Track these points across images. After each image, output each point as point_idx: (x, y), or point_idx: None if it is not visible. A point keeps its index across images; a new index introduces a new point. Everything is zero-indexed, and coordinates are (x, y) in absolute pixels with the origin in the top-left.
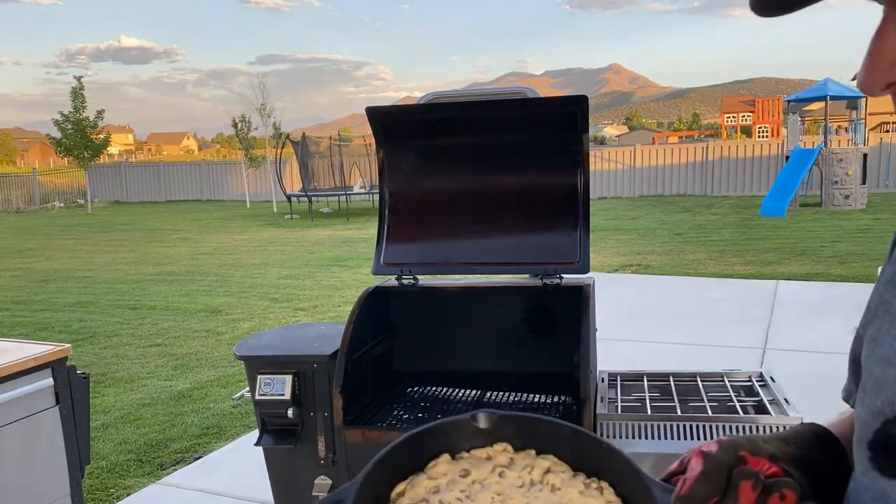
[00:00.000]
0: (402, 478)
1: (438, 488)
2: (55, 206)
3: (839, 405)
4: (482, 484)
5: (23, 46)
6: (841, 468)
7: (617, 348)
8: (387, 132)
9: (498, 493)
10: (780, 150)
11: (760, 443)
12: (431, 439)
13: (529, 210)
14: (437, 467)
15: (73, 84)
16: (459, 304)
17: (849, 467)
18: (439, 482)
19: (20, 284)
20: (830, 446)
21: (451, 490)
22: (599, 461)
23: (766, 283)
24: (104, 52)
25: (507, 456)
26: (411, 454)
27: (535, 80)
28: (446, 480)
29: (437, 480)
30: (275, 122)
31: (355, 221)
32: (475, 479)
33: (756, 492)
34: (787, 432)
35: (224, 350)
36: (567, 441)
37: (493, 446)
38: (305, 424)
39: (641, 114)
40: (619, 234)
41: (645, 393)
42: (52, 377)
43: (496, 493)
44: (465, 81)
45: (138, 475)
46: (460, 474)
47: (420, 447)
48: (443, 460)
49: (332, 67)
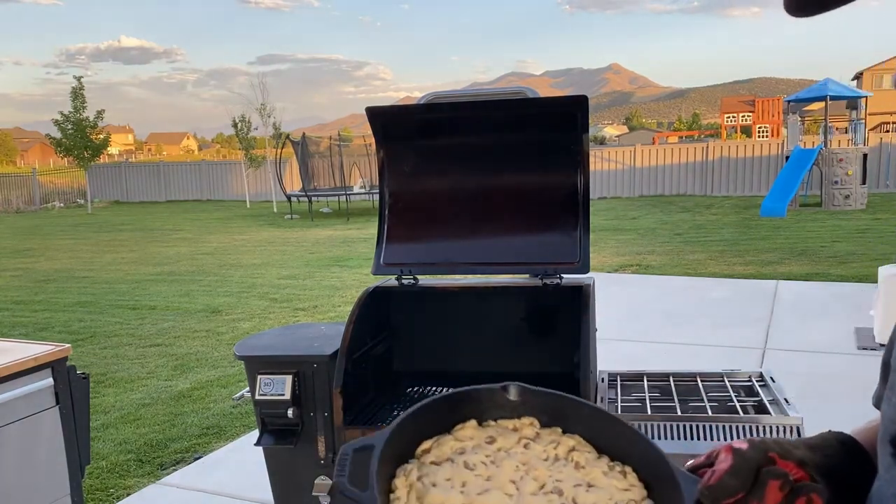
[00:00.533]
0: (429, 436)
1: (464, 450)
2: (55, 206)
3: (839, 405)
4: (507, 452)
5: (23, 46)
6: (867, 478)
7: (617, 348)
8: (387, 132)
9: (523, 463)
10: (780, 150)
11: (790, 447)
12: (461, 404)
13: (529, 210)
14: (463, 430)
15: (73, 84)
16: (459, 304)
17: (874, 476)
18: (465, 444)
19: (20, 284)
20: (857, 455)
21: (476, 453)
22: (624, 445)
23: (766, 283)
24: (104, 52)
25: (533, 430)
26: (440, 415)
27: (535, 80)
28: (472, 444)
29: (463, 443)
30: (275, 122)
31: (355, 221)
32: (501, 447)
33: (783, 492)
34: (816, 439)
35: (224, 350)
36: (593, 422)
37: (521, 419)
38: (305, 424)
39: (641, 114)
40: (619, 234)
41: (645, 393)
42: (52, 377)
43: (521, 463)
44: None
45: (138, 475)
46: (486, 440)
47: (449, 410)
48: (469, 425)
49: (332, 67)
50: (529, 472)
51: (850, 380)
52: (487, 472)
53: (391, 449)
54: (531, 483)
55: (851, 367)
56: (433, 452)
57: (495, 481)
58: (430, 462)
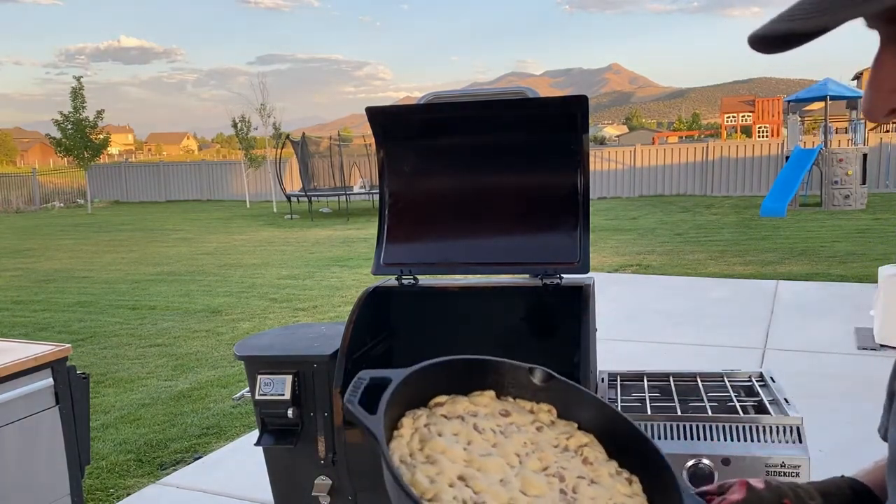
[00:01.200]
0: (446, 392)
1: (477, 413)
2: (55, 206)
3: (839, 405)
4: (519, 428)
5: (23, 46)
6: None
7: (617, 348)
8: (387, 132)
9: (532, 442)
10: (780, 150)
11: (805, 496)
12: (485, 371)
13: (529, 210)
14: (481, 398)
15: (73, 84)
16: (459, 304)
17: None
18: (479, 409)
19: (20, 284)
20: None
21: (488, 420)
22: (637, 454)
23: (766, 283)
24: (104, 52)
25: (549, 417)
26: (461, 376)
27: (535, 80)
28: (486, 411)
29: (477, 407)
30: (275, 122)
31: (355, 221)
32: (513, 422)
33: None
34: (830, 487)
35: (224, 350)
36: (611, 426)
37: (539, 404)
38: (305, 424)
39: (641, 114)
40: (619, 234)
41: (645, 393)
42: (52, 377)
43: (530, 441)
44: (465, 81)
45: (138, 475)
46: (500, 412)
47: (471, 374)
48: (488, 394)
49: (332, 67)
50: (536, 452)
51: (850, 380)
52: (495, 439)
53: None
54: (535, 461)
55: (851, 367)
56: (446, 407)
57: (500, 449)
58: (440, 414)
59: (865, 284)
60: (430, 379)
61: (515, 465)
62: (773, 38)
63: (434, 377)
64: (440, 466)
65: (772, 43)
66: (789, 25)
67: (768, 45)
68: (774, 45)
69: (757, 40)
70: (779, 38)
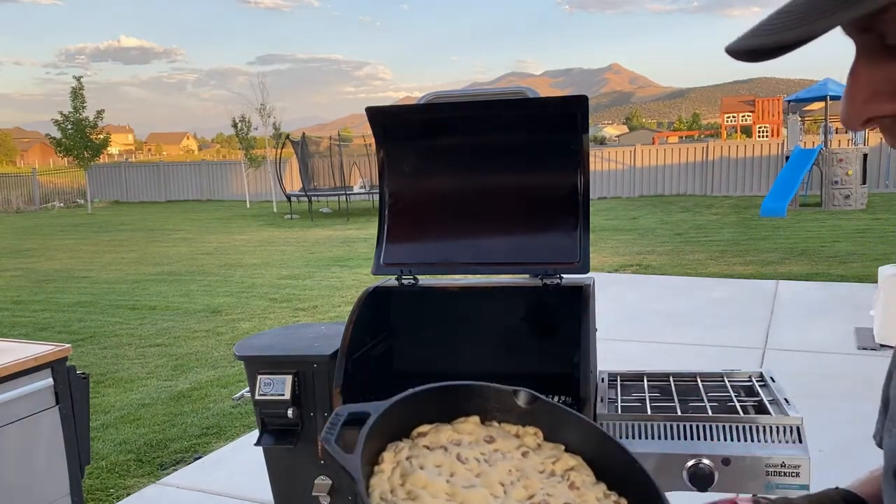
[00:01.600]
0: (429, 421)
1: (460, 442)
2: (55, 206)
3: (839, 405)
4: (504, 455)
5: (23, 46)
6: None
7: (617, 348)
8: (387, 132)
9: (517, 469)
10: (780, 150)
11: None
12: (467, 397)
13: (529, 210)
14: (464, 424)
15: (73, 84)
16: (459, 304)
17: None
18: (463, 437)
19: (20, 284)
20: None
21: (471, 448)
22: (625, 476)
23: (766, 283)
24: (104, 52)
25: (535, 440)
26: (444, 403)
27: (535, 80)
28: (470, 439)
29: (461, 435)
30: (275, 122)
31: (355, 221)
32: (498, 449)
33: None
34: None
35: (224, 350)
36: (598, 447)
37: (525, 427)
38: (305, 424)
39: (641, 114)
40: (619, 234)
41: (645, 393)
42: (52, 377)
43: (515, 469)
44: (465, 81)
45: (138, 475)
46: (485, 439)
47: (454, 400)
48: (472, 420)
49: (332, 67)
50: (521, 480)
51: (850, 380)
52: (479, 468)
53: (386, 422)
54: (520, 490)
55: (851, 367)
56: (429, 437)
57: (484, 479)
58: (422, 445)
59: (865, 284)
60: (412, 409)
61: (500, 496)
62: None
63: (416, 406)
64: (422, 502)
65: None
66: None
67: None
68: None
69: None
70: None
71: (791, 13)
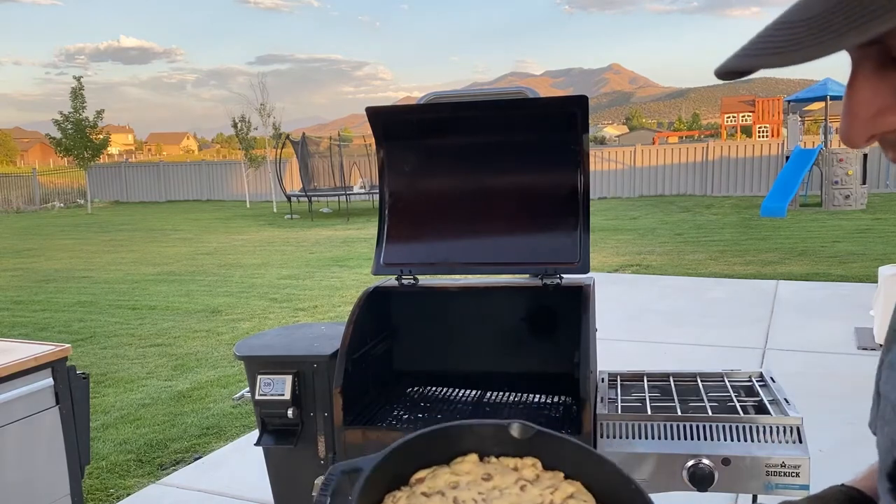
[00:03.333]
0: (427, 465)
1: (458, 484)
2: (55, 206)
3: (839, 405)
4: (501, 492)
5: (23, 46)
6: None
7: (617, 348)
8: (387, 132)
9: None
10: (780, 150)
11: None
12: (463, 436)
13: (529, 210)
14: (462, 465)
15: (73, 84)
16: (459, 304)
17: None
18: (460, 479)
19: (20, 284)
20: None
21: (469, 489)
22: (624, 499)
23: (766, 283)
24: (104, 52)
25: (534, 472)
26: (440, 445)
27: (535, 80)
28: (467, 480)
29: (458, 477)
30: (275, 122)
31: (355, 221)
32: (496, 486)
33: None
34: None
35: (224, 350)
36: (597, 472)
37: (524, 458)
38: (305, 424)
39: (641, 114)
40: (619, 234)
41: (645, 393)
42: (52, 377)
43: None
44: (465, 81)
45: (138, 475)
46: (483, 477)
47: (451, 441)
48: (469, 459)
49: (331, 67)
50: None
51: (850, 380)
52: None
53: (380, 474)
54: None
55: (851, 367)
56: (426, 483)
57: None
58: (420, 493)
59: (865, 284)
60: (405, 457)
61: None
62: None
63: (410, 454)
64: None
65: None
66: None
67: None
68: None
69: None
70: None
71: (794, 30)
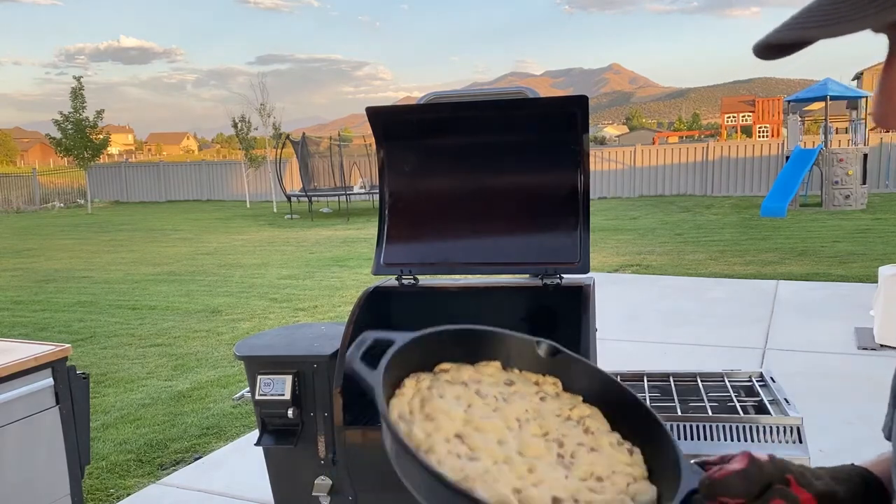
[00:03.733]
0: (451, 360)
1: (480, 381)
2: (55, 206)
3: (839, 405)
4: (522, 396)
5: (23, 46)
6: None
7: (617, 348)
8: (387, 132)
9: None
10: (780, 150)
11: (811, 478)
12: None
13: (529, 210)
14: (486, 367)
15: (73, 84)
16: (459, 304)
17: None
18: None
19: (20, 284)
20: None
21: (491, 387)
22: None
23: (766, 283)
24: (104, 52)
25: (554, 389)
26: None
27: (535, 80)
28: (490, 380)
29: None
30: (275, 122)
31: (355, 221)
32: (517, 391)
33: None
34: (840, 472)
35: (224, 350)
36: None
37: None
38: (305, 424)
39: (641, 114)
40: (619, 234)
41: (645, 393)
42: (52, 377)
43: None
44: (465, 81)
45: (138, 475)
46: (505, 382)
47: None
48: (494, 365)
49: (331, 67)
50: (537, 419)
51: (849, 380)
52: (496, 404)
53: (410, 353)
54: (535, 427)
55: (851, 367)
56: (450, 373)
57: (501, 413)
58: (444, 379)
59: (865, 284)
60: (436, 346)
61: (514, 429)
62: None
63: (440, 345)
64: (438, 423)
65: (778, 49)
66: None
67: (774, 51)
68: (780, 52)
69: (763, 48)
70: (786, 46)
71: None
